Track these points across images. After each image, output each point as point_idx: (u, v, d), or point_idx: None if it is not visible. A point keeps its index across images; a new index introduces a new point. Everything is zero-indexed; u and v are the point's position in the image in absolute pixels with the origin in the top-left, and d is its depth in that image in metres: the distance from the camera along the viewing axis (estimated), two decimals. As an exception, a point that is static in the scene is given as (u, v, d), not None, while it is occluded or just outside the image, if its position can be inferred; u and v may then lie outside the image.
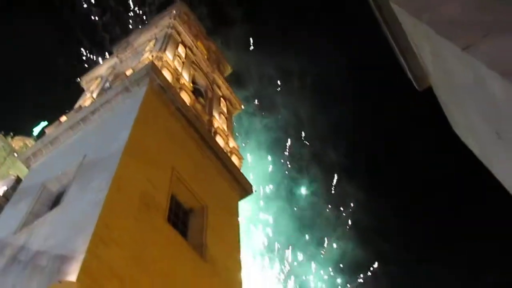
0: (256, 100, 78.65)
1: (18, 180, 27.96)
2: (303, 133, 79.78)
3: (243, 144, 71.91)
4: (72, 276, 13.64)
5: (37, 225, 19.25)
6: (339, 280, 70.38)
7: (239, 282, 22.86)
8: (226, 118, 36.25)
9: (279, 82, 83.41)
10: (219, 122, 33.54)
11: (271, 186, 73.72)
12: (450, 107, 3.70)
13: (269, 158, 76.52)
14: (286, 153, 77.83)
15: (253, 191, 31.04)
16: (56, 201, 21.42)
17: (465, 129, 3.49)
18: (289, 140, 78.94)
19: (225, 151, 30.12)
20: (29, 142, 29.44)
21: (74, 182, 20.49)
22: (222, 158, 28.57)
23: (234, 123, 41.66)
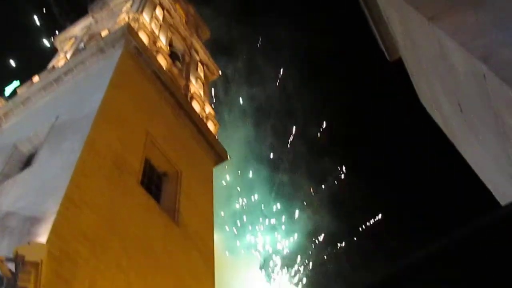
0: (237, 69, 78.06)
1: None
2: (286, 105, 79.54)
3: (224, 114, 71.71)
4: (42, 237, 13.59)
5: (7, 186, 19.03)
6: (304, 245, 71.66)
7: (211, 248, 23.10)
8: (203, 83, 35.92)
9: (262, 50, 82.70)
10: (195, 87, 33.24)
11: (250, 158, 73.99)
12: (417, 78, 3.72)
13: (252, 129, 76.54)
14: (269, 125, 77.71)
15: (228, 157, 31.08)
16: (27, 162, 21.15)
17: (430, 101, 3.52)
18: (271, 113, 78.67)
19: (201, 116, 29.97)
20: (0, 102, 28.67)
21: (46, 144, 20.22)
22: (197, 124, 28.44)
23: (215, 92, 41.34)
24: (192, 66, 35.98)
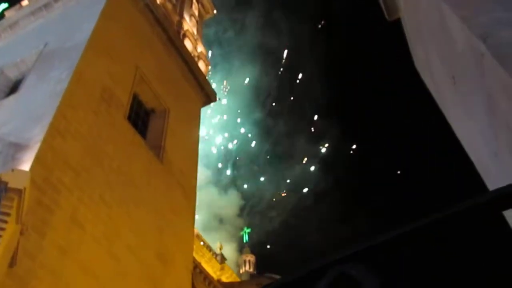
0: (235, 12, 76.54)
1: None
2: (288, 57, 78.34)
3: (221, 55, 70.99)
4: (26, 165, 13.63)
5: (-8, 110, 18.83)
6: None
7: (193, 186, 23.41)
8: (196, 21, 35.21)
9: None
10: (189, 25, 32.59)
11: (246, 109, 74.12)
12: (414, 44, 3.71)
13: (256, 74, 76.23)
14: (281, 69, 76.79)
15: (217, 99, 30.98)
16: (13, 88, 20.85)
17: (424, 67, 3.53)
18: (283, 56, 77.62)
19: (192, 55, 29.57)
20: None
21: (33, 71, 19.90)
22: (188, 62, 28.08)
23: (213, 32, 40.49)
24: (187, 3, 35.10)
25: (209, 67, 32.60)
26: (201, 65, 30.71)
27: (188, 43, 30.07)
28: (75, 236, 14.20)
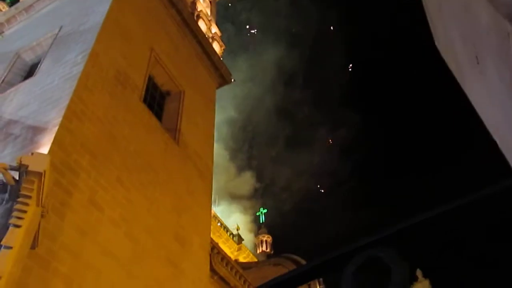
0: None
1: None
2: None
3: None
4: (45, 148, 13.79)
5: (10, 94, 19.03)
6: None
7: (209, 168, 23.50)
8: (210, 2, 35.01)
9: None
10: (203, 5, 32.42)
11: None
12: (435, 22, 3.64)
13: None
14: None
15: (232, 80, 30.91)
16: (30, 71, 21.02)
17: (446, 46, 3.46)
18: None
19: (206, 36, 29.46)
20: (2, 7, 27.98)
21: (49, 54, 20.00)
22: (203, 43, 28.01)
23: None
24: (200, -17, 34.87)
25: (223, 48, 32.45)
26: (216, 46, 30.61)
27: (202, 24, 29.95)
28: (94, 218, 14.39)
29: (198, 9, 30.98)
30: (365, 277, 1.19)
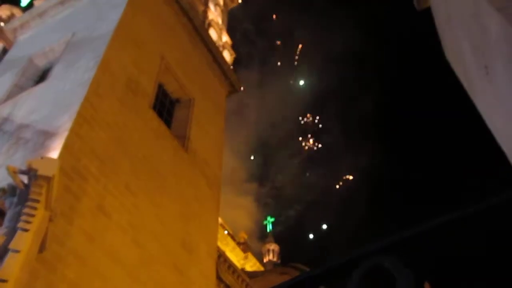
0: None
1: (4, 51, 27.32)
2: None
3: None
4: (55, 152, 13.88)
5: (21, 98, 19.21)
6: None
7: (218, 176, 23.50)
8: (221, 11, 35.21)
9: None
10: (214, 14, 32.61)
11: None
12: (444, 33, 3.64)
13: None
14: None
15: (241, 88, 30.98)
16: (42, 76, 21.22)
17: (455, 57, 3.46)
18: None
19: (217, 45, 29.59)
20: (17, 12, 28.31)
21: (62, 60, 20.18)
22: (213, 52, 28.12)
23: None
24: (212, -8, 35.09)
25: (233, 56, 32.57)
26: (226, 54, 30.73)
27: (213, 33, 30.10)
28: (101, 223, 14.43)
29: (209, 18, 31.16)
30: (370, 285, 1.18)
